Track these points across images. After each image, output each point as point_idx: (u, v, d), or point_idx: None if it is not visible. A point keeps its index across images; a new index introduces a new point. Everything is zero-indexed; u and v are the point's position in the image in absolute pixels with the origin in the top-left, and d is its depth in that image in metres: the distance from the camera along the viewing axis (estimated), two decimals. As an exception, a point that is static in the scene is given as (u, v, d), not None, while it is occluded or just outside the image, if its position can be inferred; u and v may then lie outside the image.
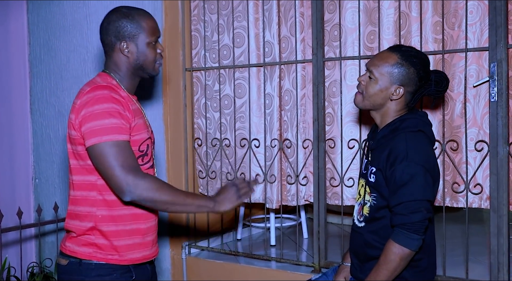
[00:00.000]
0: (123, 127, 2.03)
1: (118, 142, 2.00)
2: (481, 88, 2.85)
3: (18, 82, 4.28)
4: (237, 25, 3.59)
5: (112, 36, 2.18)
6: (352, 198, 3.23)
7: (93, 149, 2.01)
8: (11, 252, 4.00)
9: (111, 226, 2.12)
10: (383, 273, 2.16)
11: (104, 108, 2.02)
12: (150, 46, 2.19)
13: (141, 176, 1.99)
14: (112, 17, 2.19)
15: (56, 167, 4.17)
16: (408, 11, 3.02)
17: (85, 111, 2.03)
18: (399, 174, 2.15)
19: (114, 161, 1.98)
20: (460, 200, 2.92)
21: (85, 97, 2.06)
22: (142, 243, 2.19)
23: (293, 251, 3.71)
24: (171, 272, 3.81)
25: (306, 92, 3.41)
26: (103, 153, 1.99)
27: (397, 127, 2.25)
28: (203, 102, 3.75)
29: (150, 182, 1.99)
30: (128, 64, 2.19)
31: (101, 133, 1.99)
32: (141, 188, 1.97)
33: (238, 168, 3.62)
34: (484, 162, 2.84)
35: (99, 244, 2.11)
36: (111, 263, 2.12)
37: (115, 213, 2.12)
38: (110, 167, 1.98)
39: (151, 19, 2.22)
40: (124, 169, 1.97)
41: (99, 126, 2.00)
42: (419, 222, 2.13)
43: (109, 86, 2.10)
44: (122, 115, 2.05)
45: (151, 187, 1.98)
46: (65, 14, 4.08)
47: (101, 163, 2.00)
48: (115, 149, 1.99)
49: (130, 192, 1.97)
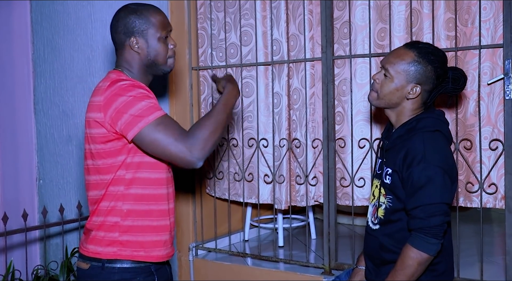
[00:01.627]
0: (157, 105, 2.02)
1: (160, 118, 1.97)
2: (495, 86, 2.80)
3: (21, 82, 4.24)
4: (245, 23, 3.54)
5: (121, 33, 2.14)
6: (363, 198, 3.18)
7: (141, 136, 1.97)
8: (15, 255, 3.95)
9: (137, 221, 2.08)
10: (400, 279, 2.09)
11: (131, 95, 1.99)
12: (161, 40, 2.15)
13: (191, 137, 1.96)
14: (120, 15, 2.16)
15: (61, 167, 4.12)
16: (420, 7, 2.97)
17: (115, 105, 1.99)
18: (416, 176, 2.08)
19: (167, 138, 1.95)
20: (474, 200, 2.87)
21: (108, 92, 2.02)
22: (167, 240, 2.17)
23: (301, 252, 3.66)
24: (178, 274, 3.76)
25: (315, 91, 3.35)
26: (152, 136, 1.96)
27: (414, 127, 2.18)
28: (210, 101, 3.70)
29: (199, 134, 1.97)
30: (139, 61, 2.16)
31: (141, 117, 1.96)
32: (201, 145, 1.96)
33: (246, 168, 3.56)
34: (499, 161, 2.78)
35: (123, 241, 2.07)
36: (137, 260, 2.08)
37: (142, 207, 2.09)
38: (166, 146, 1.96)
39: (161, 13, 2.18)
40: (180, 142, 1.95)
41: (136, 112, 1.97)
42: (438, 226, 2.06)
43: (126, 79, 2.09)
44: (150, 97, 2.03)
45: (203, 136, 1.97)
46: (69, 13, 4.03)
47: (155, 147, 1.97)
48: (161, 126, 1.96)
49: (197, 157, 1.96)
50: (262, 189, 3.54)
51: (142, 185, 2.08)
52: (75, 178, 4.04)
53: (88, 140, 2.10)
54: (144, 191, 2.09)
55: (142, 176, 2.09)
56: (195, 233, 3.74)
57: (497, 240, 4.12)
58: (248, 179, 3.58)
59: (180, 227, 3.75)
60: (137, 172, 2.08)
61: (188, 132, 1.98)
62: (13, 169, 4.17)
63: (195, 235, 3.74)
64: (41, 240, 4.16)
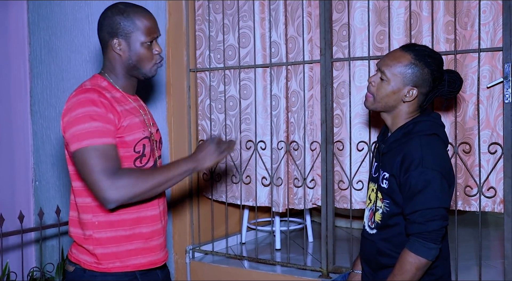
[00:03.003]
0: (104, 130, 1.95)
1: (98, 146, 1.92)
2: (495, 89, 2.79)
3: (18, 83, 4.22)
4: (243, 25, 3.53)
5: (106, 32, 2.10)
6: (361, 201, 3.17)
7: (75, 155, 1.95)
8: (11, 256, 3.92)
9: (109, 232, 2.05)
10: None
11: (84, 112, 1.95)
12: (144, 46, 2.09)
13: (118, 177, 1.91)
14: (108, 13, 2.11)
15: (57, 169, 4.10)
16: (419, 10, 2.96)
17: (67, 117, 1.97)
18: (414, 180, 2.06)
19: (93, 166, 1.90)
20: (473, 204, 2.86)
21: (70, 102, 2.00)
22: (146, 248, 2.11)
23: (298, 255, 3.65)
24: (175, 277, 3.74)
25: (314, 94, 3.34)
26: (82, 159, 1.92)
27: (410, 130, 2.16)
28: (207, 103, 3.69)
29: (127, 179, 1.91)
30: (121, 63, 2.11)
31: (80, 138, 1.93)
32: (120, 190, 1.89)
33: (244, 170, 3.55)
34: (498, 164, 2.78)
35: (97, 254, 2.04)
36: (113, 271, 2.05)
37: (113, 218, 2.05)
38: (89, 173, 1.91)
39: (149, 18, 2.11)
40: (103, 175, 1.89)
41: (79, 131, 1.93)
42: (436, 230, 2.05)
43: (93, 89, 2.02)
44: (104, 118, 1.96)
45: (128, 183, 1.91)
46: (66, 14, 4.01)
47: (81, 169, 1.94)
48: (93, 153, 1.91)
49: (109, 199, 1.90)
50: (260, 191, 3.52)
51: None
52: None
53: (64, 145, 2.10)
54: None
55: None
56: (192, 236, 3.72)
57: (494, 244, 4.12)
58: (245, 181, 3.57)
59: (177, 229, 3.73)
60: None
61: (119, 172, 1.93)
62: (9, 170, 4.14)
63: (192, 237, 3.72)
64: (37, 242, 4.14)
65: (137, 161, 2.07)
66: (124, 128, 2.03)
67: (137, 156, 2.07)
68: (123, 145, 2.03)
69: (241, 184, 3.57)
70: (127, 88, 2.16)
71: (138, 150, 2.07)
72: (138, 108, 2.16)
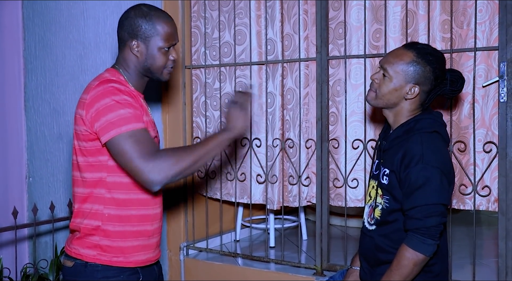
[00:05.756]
0: (136, 116, 1.99)
1: (134, 131, 1.96)
2: (490, 88, 2.80)
3: (12, 78, 4.19)
4: (239, 22, 3.52)
5: (126, 32, 2.14)
6: (355, 199, 3.17)
7: (111, 143, 1.97)
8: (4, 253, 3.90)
9: (117, 226, 2.08)
10: (396, 279, 2.09)
11: (116, 100, 1.98)
12: (162, 51, 2.14)
13: (158, 158, 1.94)
14: (130, 13, 2.14)
15: (51, 165, 4.08)
16: (415, 9, 2.96)
17: (97, 106, 1.99)
18: (414, 176, 2.08)
19: (133, 152, 1.94)
20: (467, 202, 2.87)
21: (94, 92, 2.01)
22: (147, 245, 2.16)
23: (293, 252, 3.65)
24: (169, 274, 3.73)
25: (310, 91, 3.34)
26: (121, 146, 1.95)
27: (412, 128, 2.18)
28: (202, 100, 3.68)
29: (167, 159, 1.94)
30: (137, 63, 2.16)
31: (116, 125, 1.95)
32: (163, 170, 1.93)
33: (239, 167, 3.55)
34: (493, 163, 2.78)
35: (103, 246, 2.07)
36: (116, 265, 2.08)
37: (123, 212, 2.08)
38: (130, 160, 1.94)
39: (170, 24, 2.16)
40: (143, 159, 1.93)
41: (113, 118, 1.96)
42: (434, 226, 2.06)
43: (117, 81, 2.08)
44: (133, 105, 2.01)
45: (170, 163, 1.94)
46: (61, 9, 3.99)
47: (121, 156, 1.96)
48: (132, 139, 1.95)
49: (155, 181, 1.93)
50: (254, 189, 3.52)
51: (124, 189, 2.08)
52: (65, 175, 4.00)
53: (74, 136, 2.11)
54: (126, 196, 2.08)
55: (125, 180, 2.08)
56: (186, 233, 3.72)
57: (487, 242, 4.13)
58: (240, 178, 3.56)
59: (171, 227, 3.72)
60: (119, 176, 2.07)
61: (158, 153, 1.96)
62: (3, 166, 4.12)
63: (186, 234, 3.72)
64: (30, 238, 4.12)
65: None
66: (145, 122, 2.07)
67: None
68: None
69: (235, 181, 3.57)
70: (138, 87, 2.21)
71: None
72: (147, 107, 2.21)
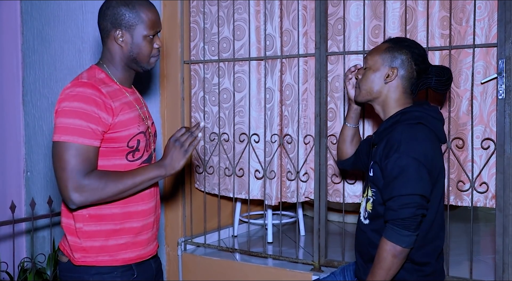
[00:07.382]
0: (87, 131, 1.93)
1: (76, 144, 1.92)
2: (488, 85, 2.80)
3: (10, 72, 4.19)
4: (238, 18, 3.52)
5: (109, 22, 2.08)
6: (353, 195, 3.18)
7: (55, 145, 1.95)
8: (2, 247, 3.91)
9: (99, 226, 2.04)
10: (378, 272, 2.09)
11: (74, 107, 1.94)
12: (147, 39, 2.09)
13: (86, 179, 1.92)
14: (112, 3, 2.09)
15: (49, 160, 4.08)
16: (415, 5, 2.96)
17: (57, 106, 1.98)
18: (390, 166, 2.09)
19: (68, 164, 1.91)
20: (465, 199, 2.87)
21: (63, 94, 1.99)
22: (135, 242, 2.11)
23: (290, 248, 3.65)
24: (166, 269, 3.73)
25: (308, 87, 3.34)
26: (59, 153, 1.93)
27: (398, 120, 2.20)
28: (201, 95, 3.68)
29: (94, 183, 1.92)
30: (121, 54, 2.10)
31: (62, 132, 1.93)
32: (86, 193, 1.92)
33: (237, 163, 3.55)
34: (490, 160, 2.79)
35: (86, 247, 2.04)
36: (103, 265, 2.04)
37: (104, 212, 2.04)
38: (61, 169, 1.92)
39: (153, 11, 2.12)
40: (73, 174, 1.91)
41: (63, 124, 1.93)
42: (409, 218, 2.05)
43: (89, 84, 2.00)
44: (91, 117, 1.94)
45: (95, 188, 1.92)
46: (59, 3, 3.99)
47: (57, 161, 1.94)
48: (73, 152, 1.92)
49: (73, 200, 1.92)
50: (253, 184, 3.52)
51: None
52: (63, 170, 3.99)
53: None
54: None
55: None
56: (184, 228, 3.72)
57: (485, 239, 4.14)
58: (238, 174, 3.56)
59: (169, 222, 3.73)
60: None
61: (89, 175, 1.93)
62: (1, 160, 4.12)
63: (184, 229, 3.72)
64: (28, 233, 4.12)
65: (129, 155, 2.07)
66: (119, 123, 2.01)
67: (130, 150, 2.07)
68: (116, 140, 2.02)
69: (234, 177, 3.57)
70: (124, 81, 2.15)
71: (131, 145, 2.07)
72: (134, 102, 2.15)
